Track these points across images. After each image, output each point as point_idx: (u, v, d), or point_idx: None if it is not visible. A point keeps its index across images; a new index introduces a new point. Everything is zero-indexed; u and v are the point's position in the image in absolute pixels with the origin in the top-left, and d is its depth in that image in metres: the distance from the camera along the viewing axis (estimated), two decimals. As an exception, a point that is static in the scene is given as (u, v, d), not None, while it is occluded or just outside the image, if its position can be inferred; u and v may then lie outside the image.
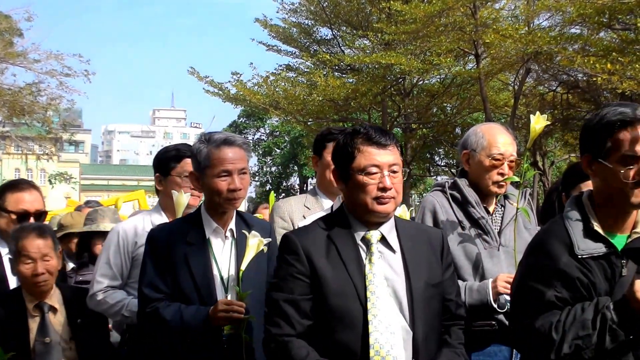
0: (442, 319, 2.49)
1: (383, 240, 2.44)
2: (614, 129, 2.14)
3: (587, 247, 2.16)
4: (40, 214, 3.46)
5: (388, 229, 2.47)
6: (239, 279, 2.70)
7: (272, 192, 5.67)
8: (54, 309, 3.05)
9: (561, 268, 2.14)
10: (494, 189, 3.08)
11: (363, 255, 2.41)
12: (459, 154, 3.28)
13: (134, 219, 3.45)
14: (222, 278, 2.80)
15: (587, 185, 3.25)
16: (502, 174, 3.06)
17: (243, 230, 2.79)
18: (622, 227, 2.23)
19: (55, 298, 3.09)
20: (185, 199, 3.15)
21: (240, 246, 2.81)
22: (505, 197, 3.19)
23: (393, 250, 2.45)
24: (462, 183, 3.13)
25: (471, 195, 3.10)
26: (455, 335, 2.51)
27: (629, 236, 2.23)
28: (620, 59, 12.65)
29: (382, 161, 2.39)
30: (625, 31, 14.26)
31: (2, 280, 3.30)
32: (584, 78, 15.65)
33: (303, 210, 3.54)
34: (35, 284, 3.01)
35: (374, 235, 2.44)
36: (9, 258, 3.20)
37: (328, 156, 3.26)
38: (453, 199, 3.12)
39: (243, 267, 2.70)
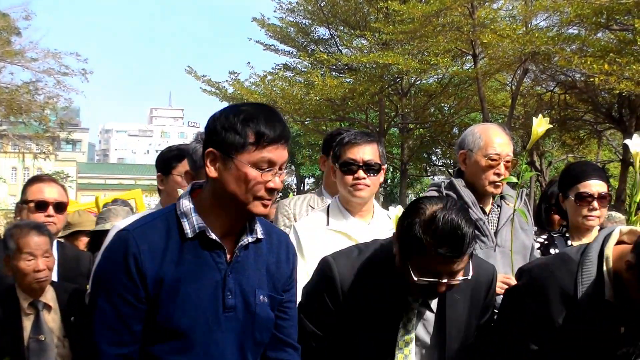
0: None
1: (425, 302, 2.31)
2: None
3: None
4: (61, 206, 3.47)
5: None
6: None
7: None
8: (48, 307, 3.04)
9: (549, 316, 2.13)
10: (491, 189, 3.07)
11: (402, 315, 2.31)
12: (455, 154, 3.28)
13: (134, 217, 3.37)
14: None
15: (585, 186, 3.27)
16: (498, 174, 3.05)
17: None
18: None
19: (49, 296, 3.09)
20: None
21: None
22: (502, 197, 3.18)
23: (431, 310, 2.34)
24: (459, 183, 3.12)
25: (467, 195, 3.07)
26: None
27: None
28: (617, 60, 12.64)
29: (445, 271, 2.18)
30: (623, 32, 14.22)
31: None
32: (582, 78, 15.61)
33: (307, 209, 3.52)
34: (36, 280, 3.03)
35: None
36: (4, 256, 3.17)
37: None
38: None
39: None
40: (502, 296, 2.89)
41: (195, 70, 20.90)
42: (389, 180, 30.81)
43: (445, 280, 2.12)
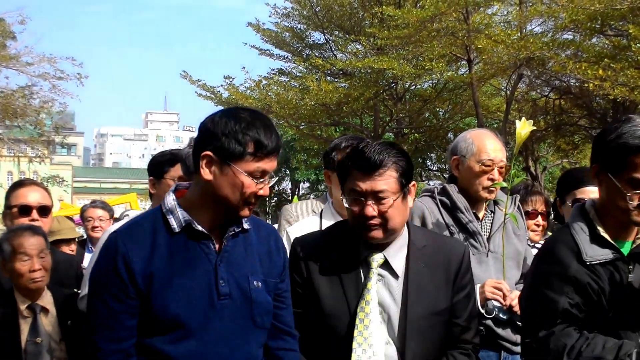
0: (445, 345, 2.44)
1: (386, 263, 2.41)
2: (630, 152, 2.13)
3: (594, 254, 2.18)
4: (45, 209, 3.47)
5: (395, 251, 2.43)
6: None
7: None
8: (45, 310, 3.08)
9: (572, 275, 2.15)
10: (484, 194, 3.08)
11: (362, 277, 2.40)
12: (448, 159, 3.27)
13: (126, 220, 3.46)
14: None
15: (582, 192, 3.28)
16: (492, 180, 3.06)
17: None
18: (627, 234, 2.27)
19: (47, 300, 3.11)
20: None
21: None
22: (495, 203, 3.19)
23: (396, 276, 2.42)
24: (452, 189, 3.12)
25: (460, 201, 3.09)
26: None
27: (634, 242, 2.26)
28: (612, 65, 12.62)
29: (364, 188, 2.35)
30: (617, 37, 14.26)
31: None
32: (576, 84, 15.63)
33: (311, 215, 3.52)
34: (31, 280, 3.04)
35: (375, 259, 2.41)
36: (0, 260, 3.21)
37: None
38: (442, 205, 3.11)
39: None
40: (494, 302, 2.94)
41: (190, 75, 20.90)
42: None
43: (371, 202, 2.30)
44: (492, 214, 3.17)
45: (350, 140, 3.19)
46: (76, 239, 5.32)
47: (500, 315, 2.94)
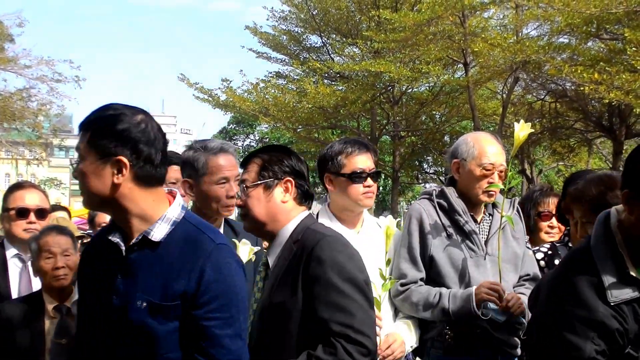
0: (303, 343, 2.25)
1: (267, 263, 2.46)
2: None
3: (620, 294, 1.95)
4: (42, 212, 3.48)
5: (273, 250, 2.42)
6: None
7: None
8: (71, 312, 3.08)
9: (599, 319, 1.93)
10: (484, 197, 3.09)
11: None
12: (448, 162, 3.27)
13: None
14: None
15: None
16: (492, 183, 3.07)
17: (233, 240, 2.77)
18: None
19: (74, 301, 3.13)
20: None
21: None
22: (494, 205, 3.19)
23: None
24: (450, 191, 3.14)
25: (458, 203, 3.10)
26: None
27: None
28: (607, 69, 12.63)
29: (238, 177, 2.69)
30: (613, 41, 14.20)
31: (5, 281, 3.36)
32: (572, 87, 15.53)
33: None
34: (55, 278, 3.07)
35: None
36: (31, 261, 3.24)
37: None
38: (440, 207, 3.12)
39: None
40: (491, 304, 2.91)
41: (188, 78, 20.74)
42: (380, 188, 30.77)
43: (235, 190, 2.62)
44: (491, 217, 3.17)
45: (350, 143, 3.16)
46: (82, 241, 5.33)
47: (497, 316, 2.92)
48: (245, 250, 2.74)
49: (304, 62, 20.59)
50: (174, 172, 3.27)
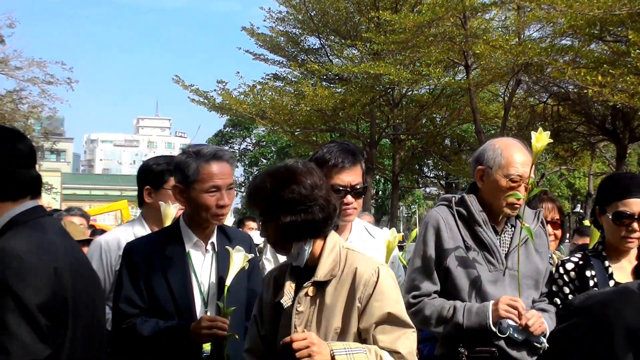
0: None
1: None
2: None
3: None
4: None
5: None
6: (224, 295, 2.64)
7: None
8: None
9: None
10: (507, 210, 2.91)
11: None
12: (471, 168, 3.09)
13: (116, 231, 3.47)
14: (202, 293, 2.76)
15: (626, 205, 2.94)
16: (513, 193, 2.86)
17: (227, 247, 2.76)
18: None
19: None
20: (173, 210, 3.14)
21: (221, 260, 2.79)
22: (517, 216, 2.98)
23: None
24: (471, 199, 2.96)
25: (479, 213, 2.92)
26: None
27: None
28: (611, 71, 12.62)
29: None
30: (616, 43, 14.34)
31: None
32: (575, 90, 15.64)
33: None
34: None
35: None
36: None
37: None
38: (459, 216, 2.94)
39: (228, 282, 2.66)
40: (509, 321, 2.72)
41: (183, 80, 20.69)
42: (380, 192, 30.65)
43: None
44: (513, 228, 2.98)
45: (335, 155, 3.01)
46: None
47: (515, 335, 2.76)
48: (240, 257, 2.69)
49: (302, 64, 20.61)
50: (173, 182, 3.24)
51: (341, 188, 2.90)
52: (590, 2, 12.54)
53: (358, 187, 2.93)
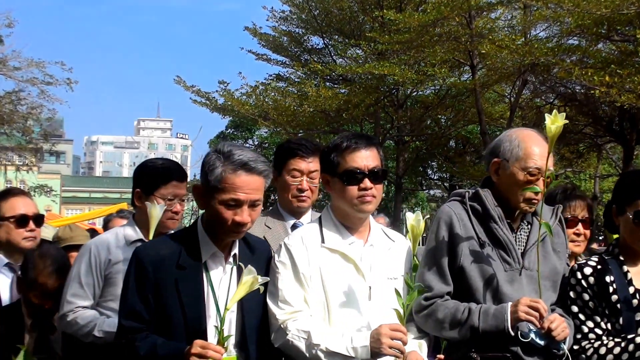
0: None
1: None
2: None
3: None
4: (39, 219, 3.54)
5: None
6: (222, 320, 2.35)
7: None
8: (53, 328, 3.14)
9: None
10: (524, 206, 2.75)
11: None
12: (486, 160, 2.93)
13: (107, 234, 3.42)
14: (219, 311, 2.44)
15: None
16: (535, 192, 2.71)
17: (240, 263, 2.48)
18: None
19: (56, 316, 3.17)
20: (160, 210, 3.02)
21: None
22: (534, 213, 2.83)
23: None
24: (486, 194, 2.81)
25: (494, 209, 2.78)
26: None
27: None
28: (618, 72, 12.49)
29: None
30: (624, 43, 14.20)
31: None
32: (582, 91, 15.61)
33: (263, 230, 3.32)
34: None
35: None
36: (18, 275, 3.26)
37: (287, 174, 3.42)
38: (473, 212, 2.80)
39: (229, 306, 2.39)
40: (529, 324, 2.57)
41: (184, 80, 20.64)
42: (383, 194, 30.45)
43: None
44: (529, 226, 2.84)
45: (348, 138, 2.80)
46: None
47: (537, 340, 2.60)
48: (249, 279, 2.36)
49: (305, 64, 20.57)
50: (172, 187, 3.17)
51: (358, 171, 2.66)
52: (597, 1, 12.41)
53: (376, 170, 2.69)
